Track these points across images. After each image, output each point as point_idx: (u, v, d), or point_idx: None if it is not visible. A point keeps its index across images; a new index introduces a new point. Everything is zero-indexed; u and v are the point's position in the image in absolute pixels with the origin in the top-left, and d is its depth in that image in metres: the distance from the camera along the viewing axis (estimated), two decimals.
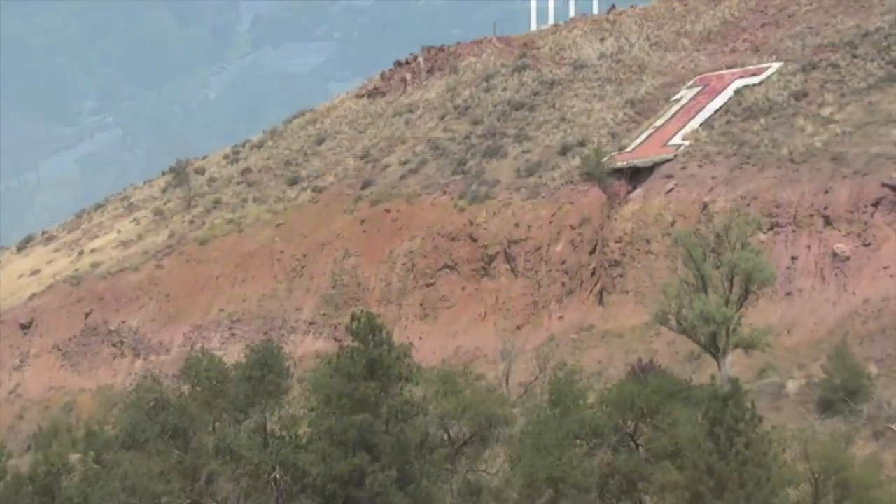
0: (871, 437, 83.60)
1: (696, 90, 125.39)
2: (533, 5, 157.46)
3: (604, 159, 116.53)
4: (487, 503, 73.25)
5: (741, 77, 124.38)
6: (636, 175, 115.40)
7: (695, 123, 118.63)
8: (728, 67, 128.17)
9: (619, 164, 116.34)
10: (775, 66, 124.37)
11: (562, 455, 67.73)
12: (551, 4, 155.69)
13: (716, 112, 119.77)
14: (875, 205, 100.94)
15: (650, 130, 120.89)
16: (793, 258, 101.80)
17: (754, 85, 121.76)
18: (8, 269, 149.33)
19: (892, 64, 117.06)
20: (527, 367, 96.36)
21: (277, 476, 69.14)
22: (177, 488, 69.26)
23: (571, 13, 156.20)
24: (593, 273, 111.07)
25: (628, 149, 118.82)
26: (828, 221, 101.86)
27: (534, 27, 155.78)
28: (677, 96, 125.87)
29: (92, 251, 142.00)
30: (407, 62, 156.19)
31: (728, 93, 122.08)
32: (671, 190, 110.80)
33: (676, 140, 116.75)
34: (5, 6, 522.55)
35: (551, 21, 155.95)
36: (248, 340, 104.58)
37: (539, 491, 68.11)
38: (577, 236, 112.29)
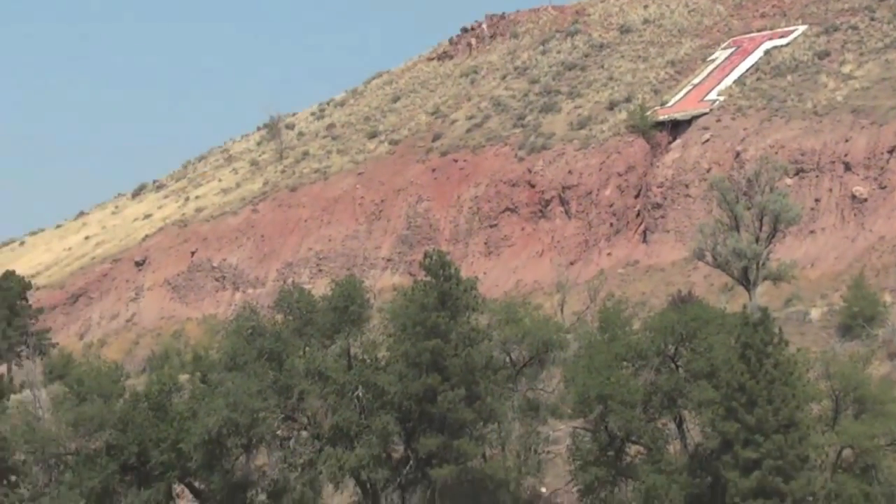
0: (886, 358, 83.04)
1: (729, 51, 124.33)
2: None
3: (647, 114, 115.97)
4: (545, 418, 73.46)
5: (770, 39, 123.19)
6: (676, 127, 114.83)
7: (728, 81, 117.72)
8: (758, 30, 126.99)
9: (661, 118, 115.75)
10: (801, 28, 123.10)
11: (610, 375, 67.69)
12: None
13: (747, 70, 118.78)
14: (890, 152, 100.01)
15: (689, 87, 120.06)
16: (816, 200, 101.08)
17: (782, 46, 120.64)
18: (124, 214, 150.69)
19: None
20: (579, 298, 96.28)
21: (360, 394, 69.46)
22: (272, 404, 69.72)
23: None
24: (638, 214, 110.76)
25: (669, 104, 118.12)
26: (847, 167, 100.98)
27: None
28: (713, 57, 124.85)
29: (197, 197, 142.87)
30: (472, 28, 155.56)
31: (758, 53, 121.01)
32: (707, 140, 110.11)
33: (712, 96, 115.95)
34: None
35: None
36: (334, 275, 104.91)
37: (590, 407, 68.14)
38: (623, 182, 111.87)
